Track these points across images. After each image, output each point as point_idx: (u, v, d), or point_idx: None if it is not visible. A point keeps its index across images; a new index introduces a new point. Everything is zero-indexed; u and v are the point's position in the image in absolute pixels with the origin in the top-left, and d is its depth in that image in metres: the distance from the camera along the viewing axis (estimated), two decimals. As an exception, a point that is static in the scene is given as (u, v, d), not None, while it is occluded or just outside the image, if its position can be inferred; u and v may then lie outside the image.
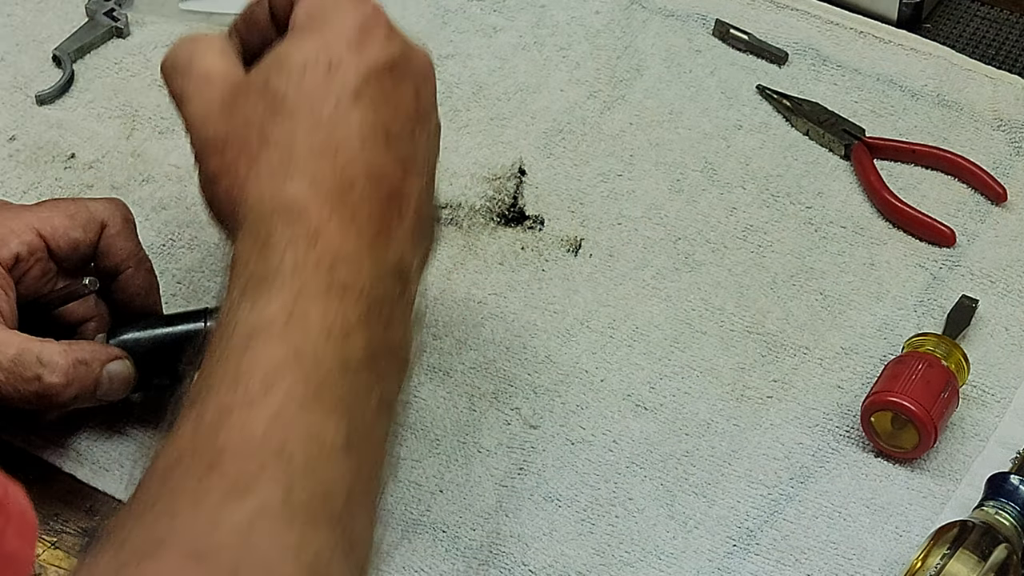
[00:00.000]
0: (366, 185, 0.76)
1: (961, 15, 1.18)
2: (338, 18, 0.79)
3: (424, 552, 0.88)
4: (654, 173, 1.07)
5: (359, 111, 0.77)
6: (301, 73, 0.77)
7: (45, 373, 0.84)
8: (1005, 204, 1.05)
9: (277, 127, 0.77)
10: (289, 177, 0.76)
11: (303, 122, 0.77)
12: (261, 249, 0.74)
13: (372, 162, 0.77)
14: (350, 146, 0.77)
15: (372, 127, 0.77)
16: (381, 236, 0.76)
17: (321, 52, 0.78)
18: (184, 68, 0.81)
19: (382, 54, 0.79)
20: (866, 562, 0.88)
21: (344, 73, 0.77)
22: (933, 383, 0.91)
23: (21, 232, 0.88)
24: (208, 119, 0.79)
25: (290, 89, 0.77)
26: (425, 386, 0.96)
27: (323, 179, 0.76)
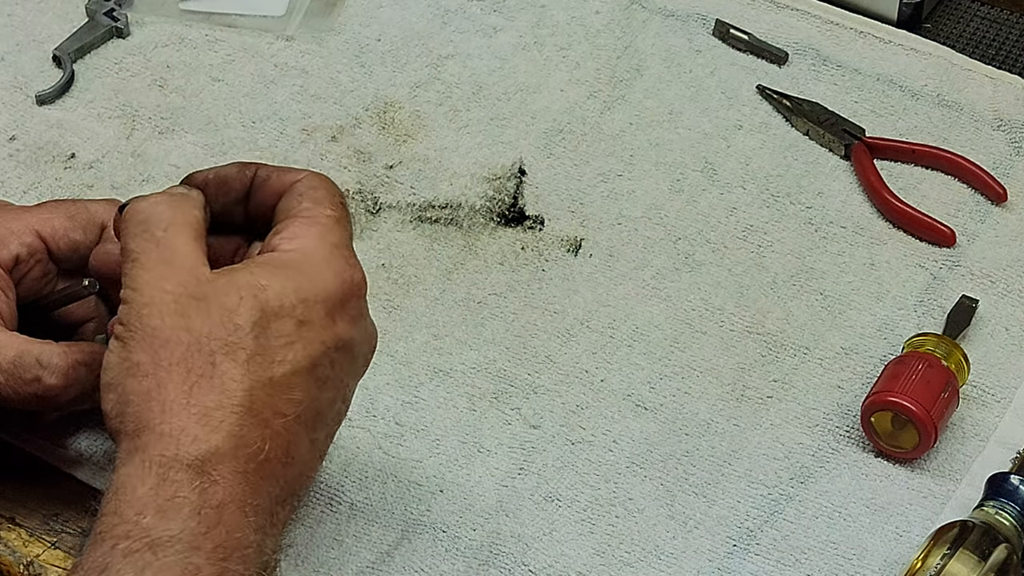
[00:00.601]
0: (279, 466, 0.75)
1: (961, 15, 1.18)
2: (329, 274, 0.77)
3: (424, 552, 0.88)
4: (654, 173, 1.07)
5: (306, 385, 0.76)
6: (272, 317, 0.75)
7: (45, 375, 0.84)
8: (1005, 204, 1.05)
9: (227, 363, 0.74)
10: (215, 430, 0.73)
11: (253, 374, 0.74)
12: (162, 507, 0.72)
13: (294, 443, 0.75)
14: (283, 419, 0.75)
15: (309, 404, 0.76)
16: (265, 521, 0.74)
17: (299, 304, 0.76)
18: (150, 233, 0.78)
19: (350, 331, 0.78)
20: (866, 562, 0.88)
21: (309, 337, 0.76)
22: (933, 383, 0.91)
23: (21, 233, 0.88)
24: (156, 305, 0.76)
25: (252, 327, 0.75)
26: (425, 386, 0.96)
27: (246, 445, 0.74)
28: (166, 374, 0.74)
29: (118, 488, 0.73)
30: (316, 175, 0.82)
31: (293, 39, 1.16)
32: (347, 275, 0.78)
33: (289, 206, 0.80)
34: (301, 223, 0.79)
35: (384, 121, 1.11)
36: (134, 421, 0.74)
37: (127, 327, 0.76)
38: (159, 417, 0.74)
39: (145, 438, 0.73)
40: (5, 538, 0.89)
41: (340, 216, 0.80)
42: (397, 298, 1.00)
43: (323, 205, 0.80)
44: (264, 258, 0.78)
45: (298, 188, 0.81)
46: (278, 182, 0.82)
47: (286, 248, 0.78)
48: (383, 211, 1.05)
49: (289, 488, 0.76)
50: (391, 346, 0.98)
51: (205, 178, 0.83)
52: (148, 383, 0.74)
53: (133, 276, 0.77)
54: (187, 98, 1.12)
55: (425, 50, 1.15)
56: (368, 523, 0.90)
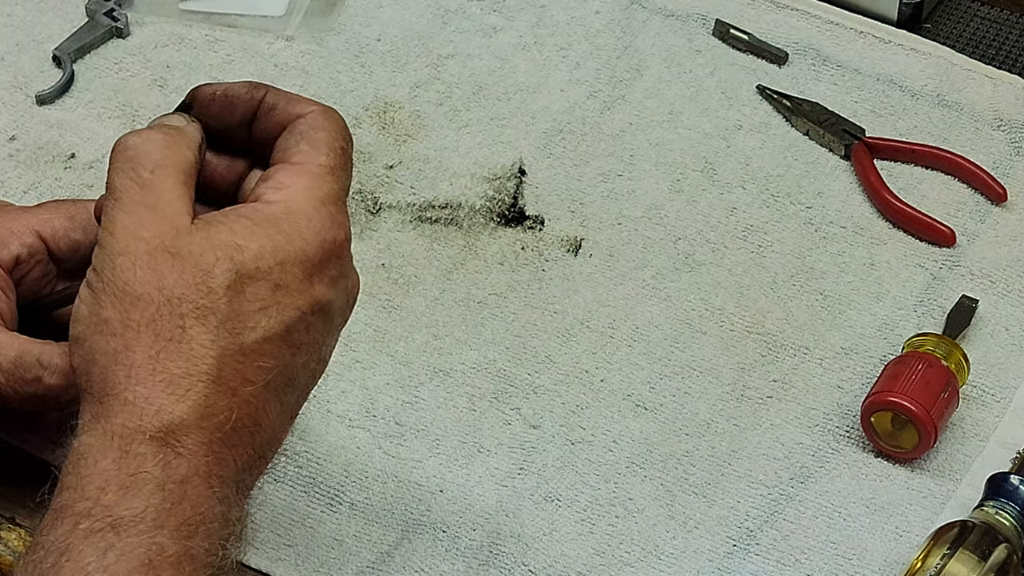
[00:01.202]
0: (247, 434, 0.73)
1: (961, 15, 1.18)
2: (309, 232, 0.74)
3: (424, 552, 0.88)
4: (654, 173, 1.07)
5: (278, 351, 0.73)
6: (248, 280, 0.73)
7: (45, 375, 0.84)
8: (1005, 204, 1.05)
9: (197, 327, 0.72)
10: (183, 397, 0.71)
11: (223, 341, 0.72)
12: (125, 483, 0.70)
13: (263, 409, 0.73)
14: (252, 386, 0.73)
15: (281, 370, 0.74)
16: (230, 490, 0.73)
17: (275, 265, 0.73)
18: (136, 172, 0.75)
19: (328, 293, 0.75)
20: (866, 562, 0.88)
21: (284, 301, 0.73)
22: (933, 383, 0.91)
23: (21, 234, 0.88)
24: (130, 255, 0.73)
25: (224, 290, 0.72)
26: (425, 386, 0.96)
27: (213, 414, 0.72)
28: (134, 336, 0.72)
29: (79, 458, 0.71)
30: (323, 112, 0.78)
31: (293, 39, 1.16)
32: (329, 235, 0.75)
33: (286, 145, 0.78)
34: (290, 171, 0.76)
35: (384, 121, 1.11)
36: (99, 383, 0.72)
37: (99, 275, 0.73)
38: (124, 383, 0.71)
39: (108, 404, 0.71)
40: (5, 538, 0.89)
41: (335, 165, 0.77)
42: (397, 298, 1.00)
43: (320, 151, 0.77)
44: (246, 210, 0.75)
45: (300, 126, 0.78)
46: (284, 113, 0.79)
47: (270, 199, 0.75)
48: (383, 211, 1.05)
49: (257, 454, 0.74)
50: (391, 346, 0.98)
51: (212, 93, 0.80)
52: (116, 343, 0.72)
53: (112, 218, 0.74)
54: (187, 98, 1.12)
55: (425, 50, 1.15)
56: (368, 523, 0.90)
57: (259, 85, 0.80)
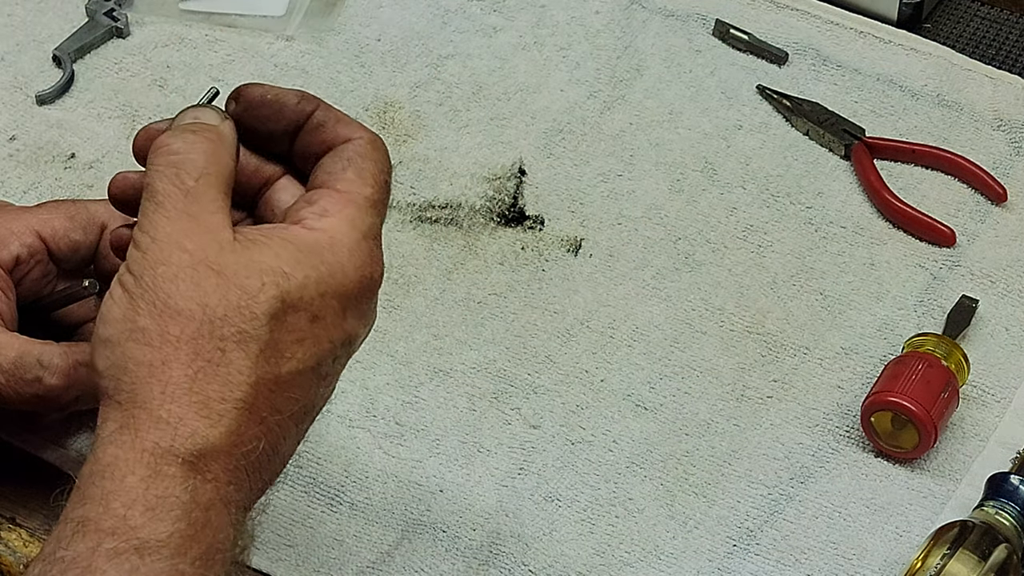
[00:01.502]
0: (266, 460, 0.73)
1: (961, 15, 1.18)
2: (351, 266, 0.73)
3: (424, 552, 0.88)
4: (654, 173, 1.07)
5: (308, 383, 0.73)
6: (290, 310, 0.72)
7: (45, 375, 0.84)
8: (1005, 204, 1.05)
9: (237, 352, 0.71)
10: (217, 423, 0.70)
11: (262, 369, 0.71)
12: (152, 505, 0.69)
13: (283, 437, 0.73)
14: (279, 416, 0.72)
15: (307, 401, 0.73)
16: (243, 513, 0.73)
17: (316, 297, 0.72)
18: (180, 179, 0.74)
19: (357, 327, 0.75)
20: (866, 562, 0.88)
21: (319, 334, 0.73)
22: (933, 383, 0.91)
23: (21, 234, 0.88)
24: (172, 265, 0.71)
25: (270, 322, 0.71)
26: (425, 386, 0.96)
27: (241, 442, 0.71)
28: (173, 351, 0.71)
29: (104, 469, 0.70)
30: (372, 141, 0.77)
31: (293, 39, 1.16)
32: (367, 271, 0.74)
33: (332, 169, 0.76)
34: (336, 200, 0.75)
35: (384, 121, 1.11)
36: (129, 392, 0.71)
37: (137, 280, 0.71)
38: (159, 399, 0.70)
39: (139, 417, 0.70)
40: (5, 538, 0.89)
41: (379, 198, 0.76)
42: (397, 298, 1.00)
43: (366, 181, 0.76)
44: (290, 234, 0.74)
45: (347, 151, 0.76)
46: (332, 133, 0.77)
47: (314, 225, 0.74)
48: (383, 211, 1.05)
49: (270, 480, 0.74)
50: (391, 346, 0.98)
51: (263, 96, 0.78)
52: (152, 355, 0.71)
53: (153, 222, 0.72)
54: (187, 98, 1.12)
55: (425, 50, 1.15)
56: (368, 523, 0.90)
57: (311, 98, 0.78)
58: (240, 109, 0.78)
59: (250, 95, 0.78)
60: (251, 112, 0.78)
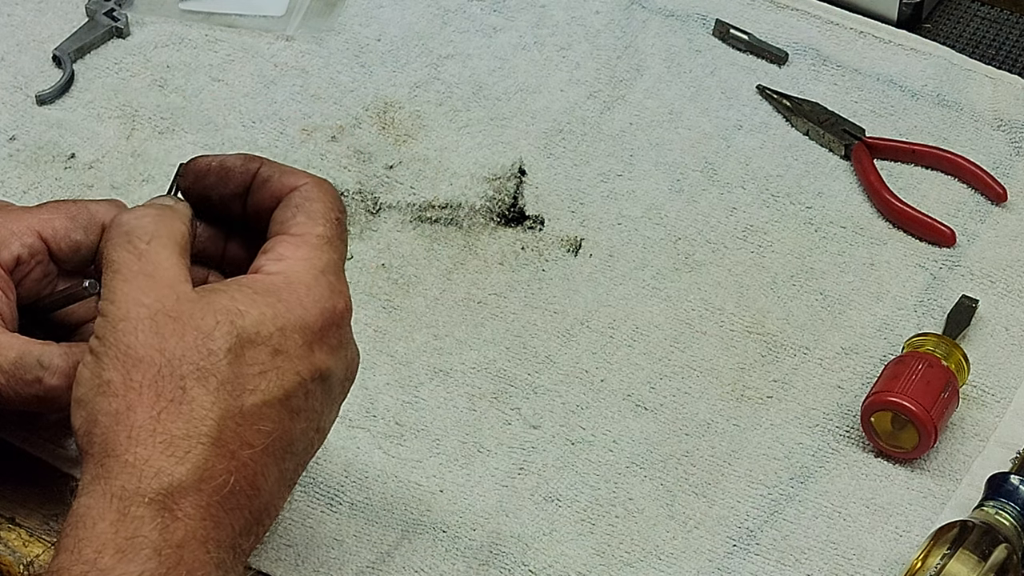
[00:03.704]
0: (244, 498, 0.73)
1: (961, 15, 1.18)
2: (309, 301, 0.75)
3: (424, 552, 0.88)
4: (654, 173, 1.07)
5: (277, 416, 0.74)
6: (248, 344, 0.74)
7: (46, 376, 0.84)
8: (1005, 204, 1.05)
9: (197, 388, 0.73)
10: (183, 460, 0.71)
11: (223, 403, 0.73)
12: (122, 547, 0.70)
13: (261, 474, 0.74)
14: (250, 450, 0.73)
15: (280, 436, 0.74)
16: (226, 553, 0.73)
17: (276, 332, 0.74)
18: (132, 244, 0.77)
19: (328, 361, 0.76)
20: (866, 562, 0.88)
21: (283, 367, 0.74)
22: (933, 383, 0.91)
23: (22, 234, 0.88)
24: (131, 320, 0.74)
25: (228, 356, 0.73)
26: (425, 386, 0.96)
27: (211, 477, 0.72)
28: (136, 397, 0.73)
29: (77, 520, 0.72)
30: (317, 184, 0.80)
31: (293, 39, 1.16)
32: (329, 304, 0.76)
33: (283, 218, 0.79)
34: (289, 243, 0.78)
35: (384, 121, 1.11)
36: (100, 444, 0.73)
37: (102, 341, 0.75)
38: (124, 444, 0.72)
39: (108, 465, 0.72)
40: (5, 538, 0.89)
41: (332, 235, 0.79)
42: (397, 298, 1.00)
43: (316, 222, 0.78)
44: (247, 280, 0.77)
45: (295, 198, 0.80)
46: (278, 185, 0.81)
47: (270, 271, 0.77)
48: (383, 211, 1.05)
49: (255, 519, 0.75)
50: (391, 346, 0.98)
51: (208, 165, 0.82)
52: (117, 404, 0.73)
53: (112, 288, 0.76)
54: (187, 98, 1.12)
55: (425, 50, 1.15)
56: (368, 523, 0.90)
57: (254, 158, 0.82)
58: (189, 182, 0.83)
59: (196, 167, 0.82)
60: (200, 182, 0.82)
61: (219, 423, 0.73)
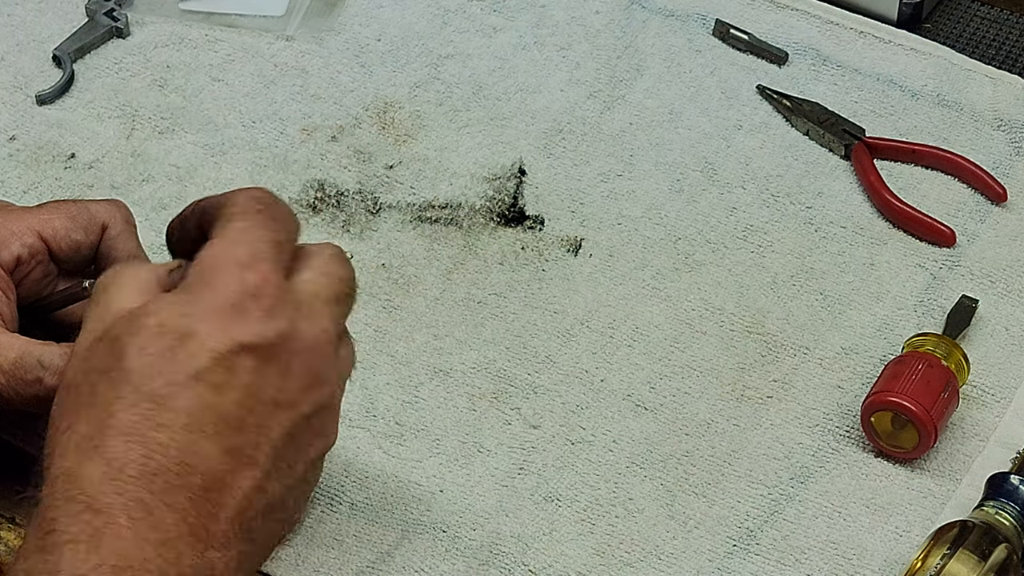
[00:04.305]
0: (173, 476, 0.72)
1: (961, 15, 1.18)
2: (218, 283, 0.74)
3: (424, 552, 0.88)
4: (654, 173, 1.07)
5: (191, 392, 0.73)
6: (150, 337, 0.73)
7: (46, 376, 0.84)
8: (1005, 204, 1.05)
9: (104, 391, 0.73)
10: (89, 456, 0.71)
11: (128, 394, 0.73)
12: (42, 546, 0.70)
13: (189, 451, 0.72)
14: (167, 430, 0.72)
15: (202, 411, 0.73)
16: (182, 538, 0.72)
17: (180, 319, 0.73)
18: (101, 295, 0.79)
19: (249, 333, 0.74)
20: (866, 562, 0.88)
21: (192, 348, 0.73)
22: (933, 383, 0.91)
23: (22, 234, 0.88)
24: (76, 353, 0.76)
25: (131, 351, 0.73)
26: (425, 386, 0.96)
27: (125, 464, 0.71)
28: (59, 413, 0.75)
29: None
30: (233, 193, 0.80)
31: (293, 39, 1.16)
32: (236, 279, 0.75)
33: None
34: (207, 244, 0.77)
35: (384, 121, 1.11)
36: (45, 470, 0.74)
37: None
38: (53, 459, 0.73)
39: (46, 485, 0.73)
40: (5, 538, 0.89)
41: (249, 224, 0.78)
42: (397, 298, 1.00)
43: (230, 219, 0.78)
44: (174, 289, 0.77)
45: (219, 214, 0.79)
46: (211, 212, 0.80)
47: (190, 272, 0.77)
48: (383, 211, 1.05)
49: (202, 497, 0.72)
50: (391, 346, 0.98)
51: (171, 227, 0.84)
52: (52, 429, 0.75)
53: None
54: (187, 98, 1.12)
55: (425, 50, 1.15)
56: (368, 523, 0.90)
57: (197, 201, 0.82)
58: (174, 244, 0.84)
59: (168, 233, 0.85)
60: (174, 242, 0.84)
61: (124, 411, 0.73)
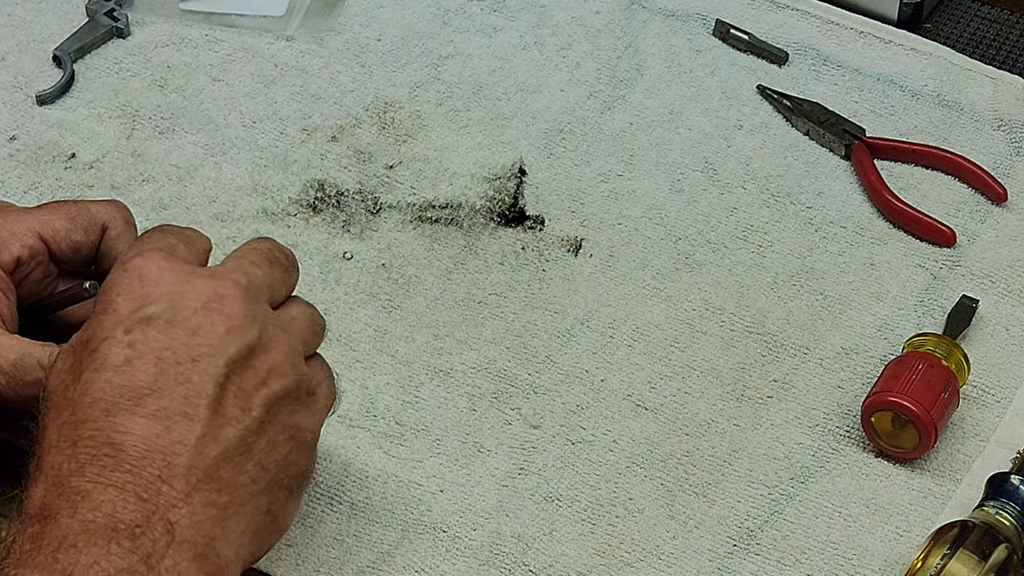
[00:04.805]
0: (106, 458, 0.74)
1: (961, 15, 1.18)
2: (112, 275, 0.80)
3: (424, 552, 0.88)
4: (654, 173, 1.07)
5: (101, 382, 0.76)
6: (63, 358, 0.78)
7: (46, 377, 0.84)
8: (1005, 204, 1.05)
9: (42, 418, 0.78)
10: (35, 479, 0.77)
11: (51, 413, 0.77)
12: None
13: (113, 432, 0.75)
14: (90, 424, 0.75)
15: (116, 394, 0.76)
16: (129, 506, 0.73)
17: (83, 332, 0.78)
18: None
19: (133, 306, 0.77)
20: (866, 562, 0.88)
21: (92, 346, 0.77)
22: (933, 383, 0.91)
23: (22, 235, 0.88)
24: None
25: (51, 377, 0.78)
26: (425, 386, 0.96)
27: (59, 471, 0.75)
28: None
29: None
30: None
31: (293, 39, 1.16)
32: (120, 264, 0.79)
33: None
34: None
35: (384, 121, 1.11)
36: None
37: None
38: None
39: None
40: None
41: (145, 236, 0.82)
42: (397, 298, 1.00)
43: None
44: None
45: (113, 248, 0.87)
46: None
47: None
48: (383, 211, 1.05)
49: (141, 466, 0.74)
50: (391, 346, 0.98)
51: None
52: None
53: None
54: (187, 98, 1.12)
55: (425, 50, 1.15)
56: (368, 523, 0.90)
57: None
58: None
59: None
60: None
61: (51, 428, 0.76)
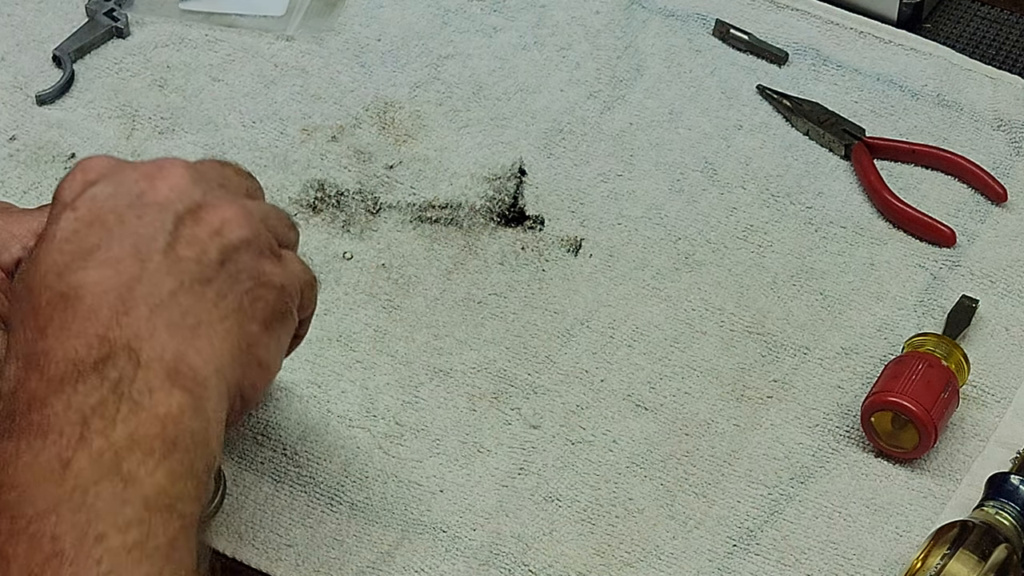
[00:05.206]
0: (54, 310, 0.73)
1: (961, 15, 1.18)
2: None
3: (424, 552, 0.88)
4: (654, 173, 1.07)
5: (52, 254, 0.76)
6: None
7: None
8: (1005, 204, 1.05)
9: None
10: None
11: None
12: None
13: (66, 284, 0.74)
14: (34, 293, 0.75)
15: (61, 244, 0.76)
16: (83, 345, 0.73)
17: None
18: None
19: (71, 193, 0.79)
20: (866, 562, 0.88)
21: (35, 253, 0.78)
22: (933, 383, 0.91)
23: (22, 237, 0.88)
24: None
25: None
26: (425, 386, 0.96)
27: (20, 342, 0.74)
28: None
29: None
30: None
31: (293, 39, 1.16)
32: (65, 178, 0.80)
33: None
34: None
35: (384, 121, 1.11)
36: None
37: None
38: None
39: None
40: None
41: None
42: (397, 298, 1.00)
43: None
44: None
45: None
46: None
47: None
48: (383, 211, 1.05)
49: (110, 308, 0.73)
50: (391, 346, 0.98)
51: None
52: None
53: None
54: (187, 98, 1.12)
55: (425, 50, 1.15)
56: (368, 523, 0.90)
57: None
58: None
59: None
60: None
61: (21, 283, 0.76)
